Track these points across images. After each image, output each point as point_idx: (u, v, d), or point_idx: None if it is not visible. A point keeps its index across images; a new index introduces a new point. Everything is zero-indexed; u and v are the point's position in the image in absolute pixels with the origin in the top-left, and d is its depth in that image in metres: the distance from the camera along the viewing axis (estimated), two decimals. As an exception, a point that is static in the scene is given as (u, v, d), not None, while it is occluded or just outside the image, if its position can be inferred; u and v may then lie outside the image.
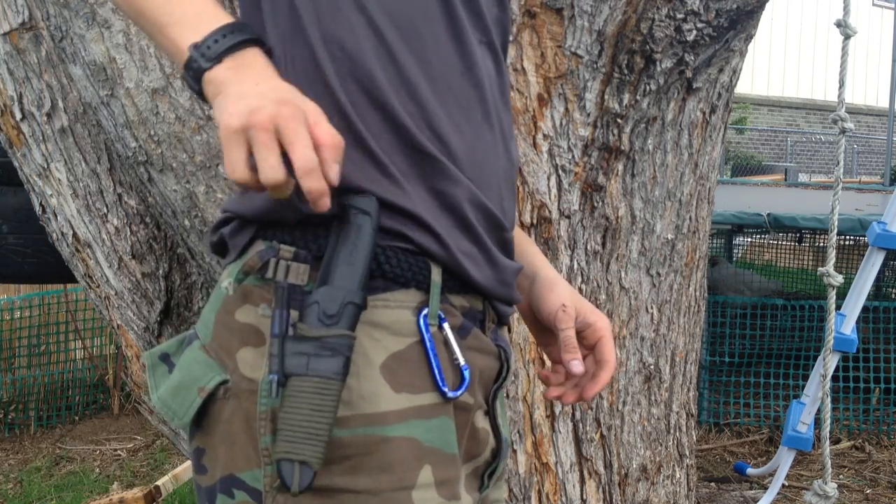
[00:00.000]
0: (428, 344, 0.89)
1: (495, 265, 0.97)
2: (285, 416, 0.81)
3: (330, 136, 0.79)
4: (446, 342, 0.92)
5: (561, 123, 1.57)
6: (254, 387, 0.87)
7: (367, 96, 0.90)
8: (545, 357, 1.64)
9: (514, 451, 1.63)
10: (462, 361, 0.92)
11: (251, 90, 0.79)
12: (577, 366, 1.03)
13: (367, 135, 0.89)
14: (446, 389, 0.90)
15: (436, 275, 0.91)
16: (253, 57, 0.83)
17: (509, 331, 1.60)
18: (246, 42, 0.83)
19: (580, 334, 1.07)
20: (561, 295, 1.08)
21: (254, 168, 0.78)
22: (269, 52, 0.86)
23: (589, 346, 1.08)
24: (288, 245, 0.89)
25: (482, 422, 0.99)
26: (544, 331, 1.11)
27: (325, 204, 0.79)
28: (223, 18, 0.85)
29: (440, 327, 0.91)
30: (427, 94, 0.91)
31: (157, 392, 0.95)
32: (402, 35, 0.91)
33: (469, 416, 0.96)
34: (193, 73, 0.82)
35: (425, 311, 0.90)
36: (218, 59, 0.82)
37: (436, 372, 0.89)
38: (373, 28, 0.90)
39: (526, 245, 1.16)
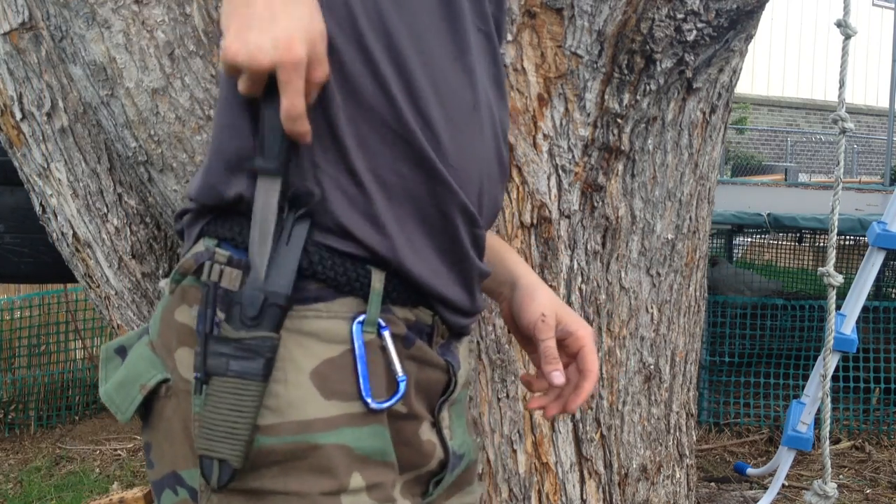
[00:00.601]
0: (357, 352, 0.87)
1: (460, 263, 0.95)
2: (206, 415, 0.82)
3: (318, 78, 0.80)
4: (384, 350, 0.90)
5: (561, 123, 1.57)
6: (189, 387, 0.87)
7: (356, 60, 0.88)
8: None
9: (514, 451, 1.63)
10: (400, 372, 0.90)
11: (257, 13, 0.78)
12: (557, 377, 1.02)
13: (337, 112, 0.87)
14: (369, 400, 0.88)
15: (377, 281, 0.89)
16: None
17: (509, 331, 1.60)
18: None
19: (562, 343, 1.05)
20: (541, 303, 1.05)
21: None
22: None
23: (571, 355, 1.06)
24: (228, 243, 0.88)
25: (427, 434, 0.97)
26: (527, 339, 1.09)
27: (306, 136, 0.82)
28: None
29: (379, 335, 0.89)
30: (417, 72, 0.89)
31: (105, 385, 0.96)
32: (396, 5, 0.89)
33: (405, 426, 0.94)
34: None
35: (361, 318, 0.88)
36: None
37: (361, 384, 0.87)
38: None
39: (506, 253, 1.14)
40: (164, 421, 0.90)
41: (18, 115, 1.73)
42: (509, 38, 1.52)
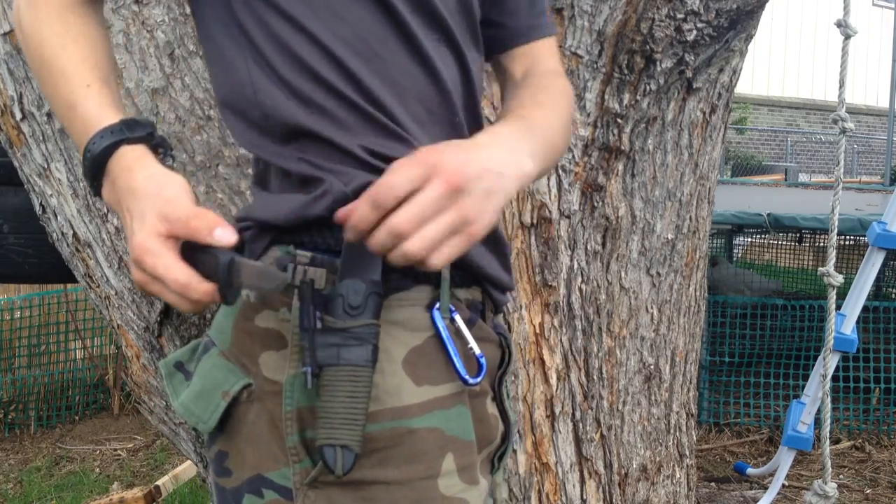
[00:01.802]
0: (444, 335, 0.92)
1: (495, 244, 1.00)
2: (323, 405, 0.85)
3: (184, 221, 0.82)
4: (459, 333, 0.94)
5: (561, 123, 1.57)
6: (277, 388, 0.90)
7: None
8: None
9: (514, 451, 1.63)
10: (477, 350, 0.95)
11: (126, 227, 0.85)
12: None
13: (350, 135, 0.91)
14: (467, 377, 0.93)
15: (445, 270, 0.93)
16: (116, 168, 0.86)
17: (509, 329, 1.60)
18: (107, 150, 0.87)
19: None
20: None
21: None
22: (142, 141, 0.88)
23: None
24: (305, 249, 0.91)
25: (491, 407, 1.02)
26: None
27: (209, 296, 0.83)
28: (95, 124, 0.88)
29: (452, 320, 0.94)
30: (395, 109, 0.92)
31: (179, 399, 0.98)
32: (355, 51, 0.92)
33: (479, 403, 0.99)
34: (93, 190, 0.90)
35: (437, 306, 0.93)
36: (97, 183, 0.88)
37: (455, 361, 0.93)
38: (320, 46, 0.91)
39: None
40: (248, 425, 0.92)
41: (18, 115, 1.72)
42: (509, 38, 1.52)
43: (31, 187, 1.84)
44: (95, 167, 0.87)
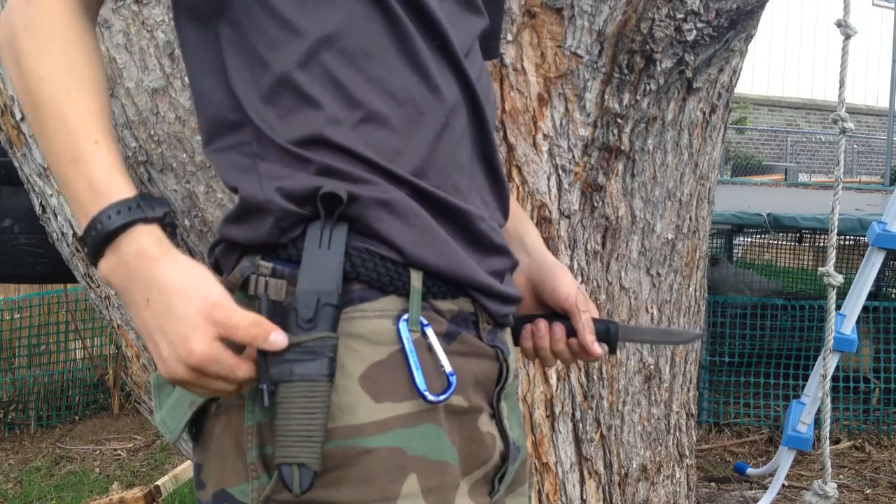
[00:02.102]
0: (408, 348, 0.88)
1: (480, 258, 0.96)
2: (279, 423, 0.82)
3: (250, 337, 0.81)
4: (430, 348, 0.90)
5: (561, 123, 1.57)
6: (242, 402, 0.88)
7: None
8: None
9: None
10: (448, 368, 0.91)
11: (146, 322, 0.81)
12: (597, 348, 1.11)
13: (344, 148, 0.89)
14: (427, 393, 0.88)
15: (416, 280, 0.90)
16: (129, 249, 0.82)
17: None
18: (121, 228, 0.82)
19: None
20: (570, 279, 1.13)
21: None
22: (159, 221, 0.84)
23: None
24: (269, 260, 0.89)
25: (487, 426, 0.97)
26: (539, 305, 1.15)
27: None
28: (106, 192, 0.83)
29: (423, 334, 0.90)
30: (396, 121, 0.90)
31: (160, 412, 0.97)
32: (352, 62, 0.89)
33: (467, 421, 0.95)
34: (91, 259, 0.84)
35: (405, 317, 0.89)
36: (97, 253, 0.83)
37: (416, 377, 0.88)
38: (318, 59, 0.89)
39: (520, 223, 1.18)
40: (215, 439, 0.91)
41: (18, 115, 1.72)
42: (509, 37, 1.52)
43: (31, 187, 1.84)
44: (103, 242, 0.82)
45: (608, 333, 1.10)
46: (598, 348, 1.09)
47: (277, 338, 0.82)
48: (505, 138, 1.55)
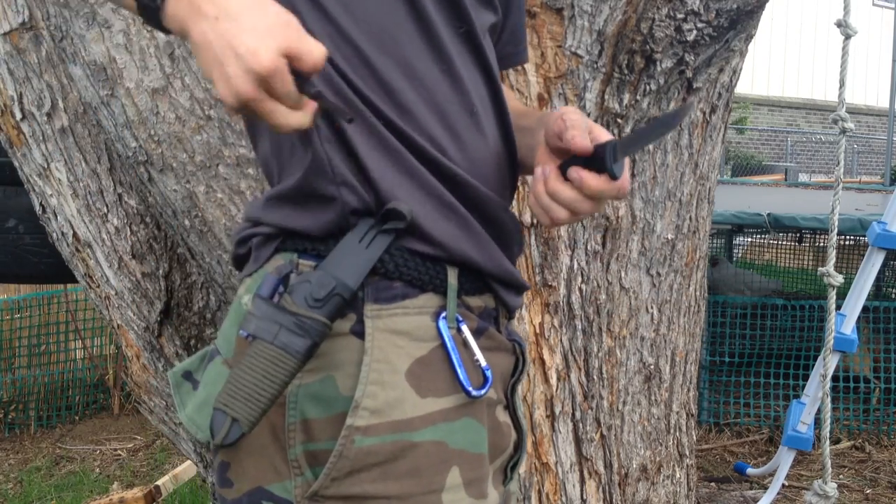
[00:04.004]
0: (449, 346, 0.91)
1: (504, 247, 0.98)
2: (237, 373, 0.84)
3: (314, 66, 0.76)
4: (466, 344, 0.93)
5: (561, 123, 1.57)
6: (282, 399, 0.89)
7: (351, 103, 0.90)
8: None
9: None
10: (483, 362, 0.93)
11: (212, 39, 0.75)
12: (582, 140, 0.88)
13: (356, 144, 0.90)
14: (471, 389, 0.91)
15: (452, 277, 0.92)
16: None
17: (509, 331, 1.60)
18: None
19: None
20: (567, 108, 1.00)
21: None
22: None
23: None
24: (308, 257, 0.90)
25: (503, 416, 1.01)
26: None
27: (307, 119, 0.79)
28: None
29: (459, 330, 0.93)
30: (411, 98, 0.91)
31: (185, 410, 0.97)
32: (375, 41, 0.91)
33: (492, 412, 0.98)
34: (154, 20, 0.80)
35: (444, 315, 0.91)
36: None
37: (459, 373, 0.91)
38: (344, 37, 0.90)
39: (528, 119, 1.10)
40: (249, 437, 0.91)
41: (18, 115, 1.72)
42: (509, 38, 1.52)
43: (31, 187, 1.84)
44: None
45: (604, 150, 0.86)
46: (581, 140, 0.87)
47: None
48: (505, 138, 1.55)
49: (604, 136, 0.89)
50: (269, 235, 0.94)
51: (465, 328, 0.93)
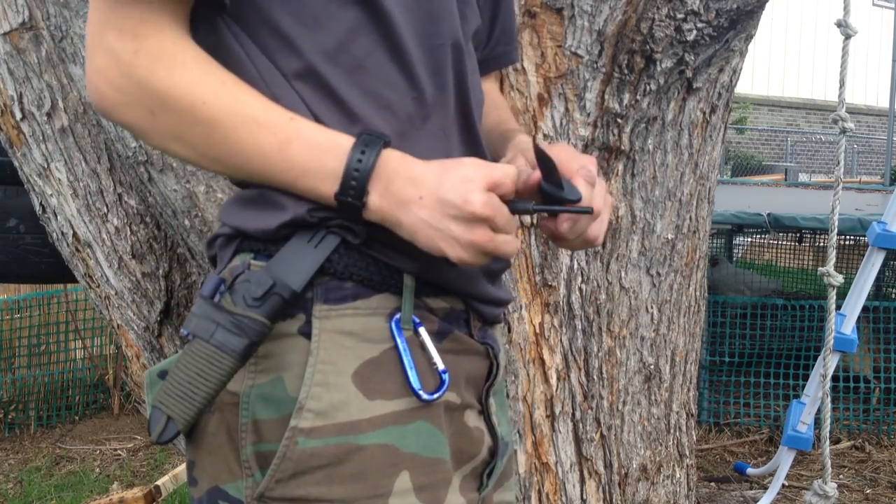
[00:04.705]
0: (401, 347, 0.89)
1: (473, 271, 0.96)
2: (175, 371, 0.85)
3: (514, 181, 0.84)
4: (423, 347, 0.91)
5: (561, 123, 1.57)
6: (236, 399, 0.88)
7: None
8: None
9: (514, 451, 1.63)
10: (440, 366, 0.91)
11: (424, 218, 0.83)
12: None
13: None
14: (422, 392, 0.89)
15: (408, 279, 0.90)
16: (390, 169, 0.84)
17: (509, 330, 1.60)
18: (377, 158, 0.84)
19: None
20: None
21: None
22: (389, 142, 0.86)
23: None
24: (261, 258, 0.89)
25: (475, 421, 0.98)
26: None
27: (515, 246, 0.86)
28: (335, 144, 0.84)
29: (416, 332, 0.91)
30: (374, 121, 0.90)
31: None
32: (343, 71, 0.89)
33: (457, 417, 0.95)
34: (353, 215, 0.85)
35: (398, 316, 0.90)
36: (363, 193, 0.83)
37: (409, 375, 0.89)
38: (312, 72, 0.88)
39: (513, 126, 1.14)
40: (208, 436, 0.91)
41: (18, 115, 1.72)
42: (509, 38, 1.52)
43: (31, 187, 1.84)
44: (367, 180, 0.83)
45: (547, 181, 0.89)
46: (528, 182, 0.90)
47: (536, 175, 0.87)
48: (505, 138, 1.55)
49: (571, 163, 0.91)
50: (229, 236, 0.93)
51: (422, 330, 0.91)
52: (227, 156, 0.86)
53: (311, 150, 0.84)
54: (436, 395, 0.90)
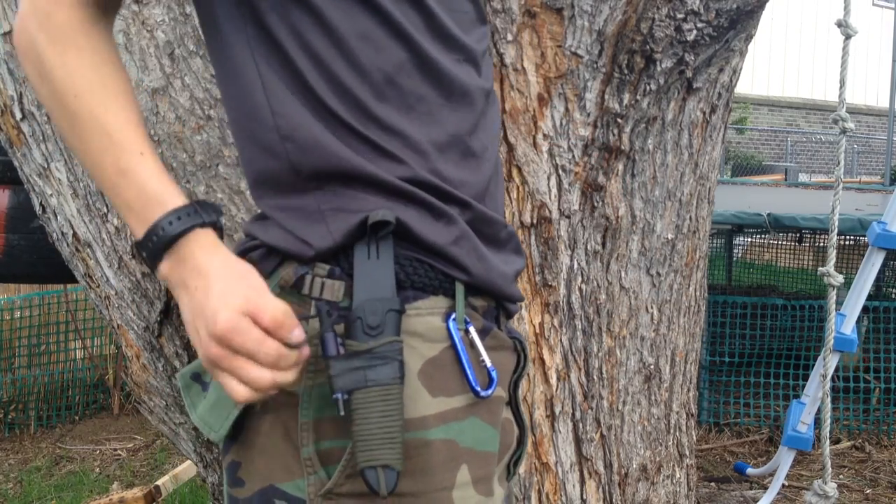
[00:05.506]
0: (459, 347, 0.92)
1: (503, 261, 1.00)
2: (358, 429, 0.85)
3: (272, 320, 0.83)
4: (473, 345, 0.95)
5: (561, 123, 1.57)
6: (293, 400, 0.90)
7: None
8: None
9: (514, 451, 1.63)
10: (489, 363, 0.95)
11: (190, 309, 0.85)
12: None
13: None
14: (479, 389, 0.93)
15: (459, 282, 0.94)
16: (187, 250, 0.86)
17: (509, 331, 1.60)
18: (182, 233, 0.85)
19: None
20: None
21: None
22: (212, 225, 0.87)
23: None
24: (320, 262, 0.91)
25: (506, 412, 1.02)
26: None
27: (293, 375, 0.85)
28: (160, 200, 0.86)
29: (466, 331, 0.94)
30: (423, 143, 0.93)
31: (196, 411, 0.99)
32: (376, 91, 0.91)
33: (499, 411, 0.99)
34: (150, 262, 0.88)
35: (453, 316, 0.93)
36: (158, 257, 0.86)
37: (469, 373, 0.93)
38: (343, 89, 0.91)
39: None
40: (261, 436, 0.92)
41: (18, 115, 1.72)
42: (509, 37, 1.52)
43: (31, 187, 1.84)
44: (164, 247, 0.86)
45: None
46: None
47: (299, 334, 0.85)
48: (505, 138, 1.55)
49: None
50: (270, 249, 0.94)
51: (472, 329, 0.95)
52: (77, 153, 0.90)
53: (139, 193, 0.87)
54: (490, 391, 0.94)
